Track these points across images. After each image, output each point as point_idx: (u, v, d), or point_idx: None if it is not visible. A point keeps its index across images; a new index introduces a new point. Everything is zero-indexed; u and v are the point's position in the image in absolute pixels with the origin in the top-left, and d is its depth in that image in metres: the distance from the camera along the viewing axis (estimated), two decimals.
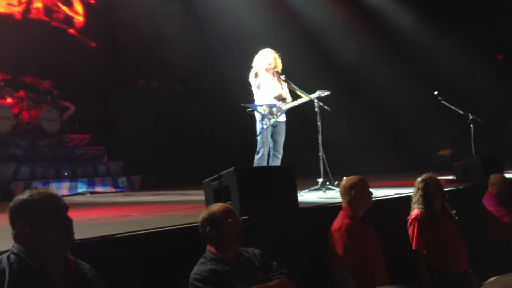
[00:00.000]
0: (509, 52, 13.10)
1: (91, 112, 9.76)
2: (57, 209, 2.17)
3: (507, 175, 6.30)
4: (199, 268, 2.76)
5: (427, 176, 4.28)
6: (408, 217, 4.26)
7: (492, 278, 0.63)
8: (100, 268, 2.35)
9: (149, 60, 11.30)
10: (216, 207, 2.94)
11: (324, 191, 5.90)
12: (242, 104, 6.15)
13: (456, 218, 4.24)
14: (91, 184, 8.20)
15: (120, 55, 10.89)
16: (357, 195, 3.66)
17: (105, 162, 9.21)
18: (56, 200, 2.21)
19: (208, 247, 2.88)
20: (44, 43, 9.75)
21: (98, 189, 8.25)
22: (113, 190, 8.41)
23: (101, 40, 10.83)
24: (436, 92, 8.00)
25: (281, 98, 6.15)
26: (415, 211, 4.23)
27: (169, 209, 5.15)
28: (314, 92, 6.10)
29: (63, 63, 9.89)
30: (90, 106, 9.73)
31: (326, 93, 6.08)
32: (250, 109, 6.07)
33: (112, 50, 10.81)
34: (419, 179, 4.29)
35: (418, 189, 4.23)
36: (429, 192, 4.17)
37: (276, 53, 6.26)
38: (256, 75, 6.11)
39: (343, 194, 3.75)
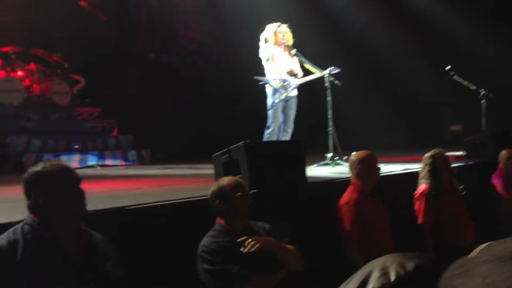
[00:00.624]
0: None
1: (102, 85, 9.77)
2: (70, 181, 2.21)
3: None
4: (207, 240, 2.80)
5: (435, 151, 4.27)
6: (415, 192, 4.26)
7: (483, 245, 0.61)
8: (112, 239, 2.40)
9: (160, 33, 11.25)
10: (226, 180, 2.95)
11: (333, 166, 5.92)
12: (255, 77, 6.13)
13: (463, 193, 4.24)
14: (101, 157, 8.28)
15: (131, 29, 10.84)
16: (365, 169, 3.67)
17: (115, 135, 9.27)
18: (69, 171, 2.25)
19: (218, 220, 2.92)
20: (55, 15, 9.72)
21: (108, 162, 8.33)
22: (123, 163, 8.49)
23: (112, 13, 10.78)
24: (448, 67, 7.91)
25: (293, 74, 6.13)
26: (422, 186, 4.23)
27: (178, 183, 5.20)
28: (325, 68, 6.06)
29: (74, 36, 9.88)
30: (100, 80, 9.74)
31: (337, 70, 6.03)
32: (262, 83, 6.06)
33: (123, 23, 10.76)
34: (427, 154, 4.28)
35: (426, 165, 4.23)
36: (437, 167, 4.16)
37: (288, 27, 6.20)
38: (268, 46, 6.07)
39: (351, 168, 3.76)
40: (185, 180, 5.51)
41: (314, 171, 5.91)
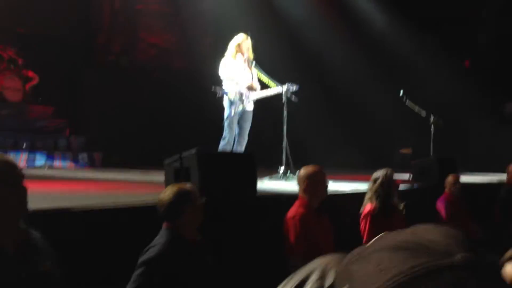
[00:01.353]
0: (477, 58, 13.49)
1: (57, 85, 9.54)
2: (12, 177, 2.14)
3: (464, 178, 6.51)
4: (155, 247, 2.68)
5: (383, 172, 4.29)
6: (361, 211, 4.32)
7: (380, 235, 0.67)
8: (51, 239, 2.34)
9: (121, 36, 11.11)
10: (177, 187, 2.87)
11: (285, 180, 5.99)
12: (213, 88, 6.15)
13: (404, 213, 4.31)
14: (50, 157, 8.06)
15: (91, 29, 10.66)
16: (312, 184, 3.71)
17: (67, 136, 9.05)
18: (12, 167, 2.18)
19: (166, 225, 2.81)
20: (14, 10, 9.44)
21: (57, 163, 8.11)
22: (73, 165, 8.28)
23: (73, 12, 10.56)
24: (401, 92, 8.17)
25: (251, 88, 6.17)
26: (368, 206, 4.24)
27: (127, 187, 5.12)
28: (283, 83, 6.16)
29: (32, 32, 9.62)
30: (56, 79, 9.50)
31: (295, 87, 6.15)
32: (220, 94, 6.07)
33: (83, 23, 10.56)
34: (375, 174, 4.31)
35: (373, 184, 4.24)
36: (384, 188, 4.18)
37: (250, 39, 6.26)
38: (228, 60, 6.10)
39: (299, 183, 3.80)
40: (134, 185, 5.44)
41: (265, 184, 5.97)
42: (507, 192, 6.29)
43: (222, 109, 6.16)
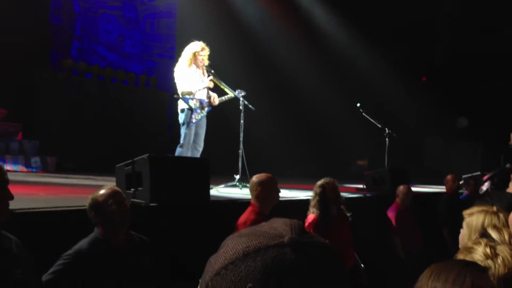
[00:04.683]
0: (433, 75, 13.95)
1: (10, 86, 9.25)
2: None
3: (415, 189, 6.73)
4: (77, 244, 2.70)
5: (325, 181, 4.23)
6: (305, 221, 4.20)
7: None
8: None
9: (79, 41, 10.92)
10: (99, 191, 2.83)
11: (240, 188, 6.01)
12: (175, 96, 6.12)
13: (350, 220, 4.31)
14: (1, 160, 7.79)
15: (49, 32, 10.42)
16: (263, 191, 3.72)
17: (19, 139, 8.78)
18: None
19: (97, 227, 2.81)
20: None
21: (8, 167, 7.83)
22: (25, 169, 8.04)
23: (30, 14, 10.31)
24: (358, 104, 8.36)
25: (208, 96, 6.17)
26: (311, 216, 4.17)
27: (78, 192, 5.02)
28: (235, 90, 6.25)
29: None
30: (9, 81, 9.22)
31: (243, 93, 6.24)
32: (180, 100, 6.03)
33: (40, 26, 10.32)
34: (317, 183, 4.24)
35: (316, 194, 4.19)
36: (326, 197, 4.13)
37: (207, 47, 6.26)
38: (184, 67, 6.07)
39: (251, 190, 3.82)
40: (85, 189, 5.32)
41: (221, 191, 5.98)
42: (445, 200, 6.59)
43: (178, 115, 6.11)
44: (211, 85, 6.15)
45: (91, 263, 2.61)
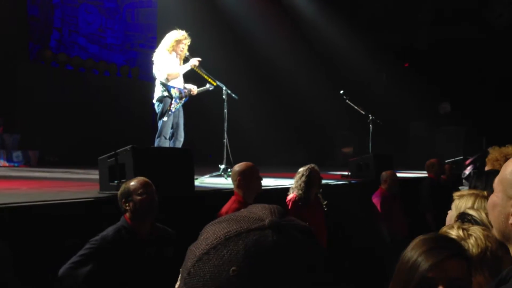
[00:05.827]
0: (415, 60, 14.00)
1: None
2: None
3: (399, 174, 6.76)
4: (104, 231, 2.82)
5: (310, 166, 4.52)
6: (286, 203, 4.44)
7: None
8: None
9: (59, 32, 10.73)
10: (131, 180, 2.99)
11: (226, 178, 5.99)
12: (161, 82, 5.97)
13: (326, 209, 4.54)
14: None
15: (28, 23, 10.23)
16: (245, 180, 3.73)
17: (0, 134, 8.64)
18: None
19: (124, 216, 2.93)
20: None
21: None
22: (6, 164, 7.93)
23: (7, 5, 10.10)
24: (342, 91, 8.36)
25: (184, 86, 6.09)
26: (291, 195, 4.46)
27: (61, 185, 4.96)
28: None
29: None
30: None
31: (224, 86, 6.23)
32: (158, 89, 5.93)
33: (18, 17, 10.12)
34: (303, 168, 4.53)
35: (301, 176, 4.45)
36: (309, 181, 4.41)
37: (189, 37, 6.16)
38: (165, 54, 5.96)
39: (233, 179, 3.82)
40: (68, 183, 5.28)
41: (206, 181, 5.96)
42: (427, 185, 6.64)
43: (155, 105, 5.99)
44: (197, 63, 6.06)
45: (114, 249, 2.75)
